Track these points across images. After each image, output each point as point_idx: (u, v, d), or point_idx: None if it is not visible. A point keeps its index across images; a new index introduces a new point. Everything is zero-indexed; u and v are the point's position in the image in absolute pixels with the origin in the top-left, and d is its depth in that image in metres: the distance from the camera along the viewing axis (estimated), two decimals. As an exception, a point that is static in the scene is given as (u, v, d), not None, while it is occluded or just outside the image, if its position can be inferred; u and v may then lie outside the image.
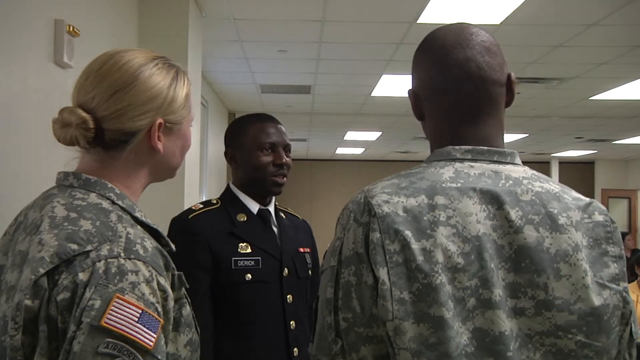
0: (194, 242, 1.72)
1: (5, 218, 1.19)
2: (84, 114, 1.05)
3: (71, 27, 2.19)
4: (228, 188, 1.95)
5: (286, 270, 1.84)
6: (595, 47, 4.85)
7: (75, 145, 1.08)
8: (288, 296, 1.83)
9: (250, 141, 1.88)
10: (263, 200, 1.90)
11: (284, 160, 1.88)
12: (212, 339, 1.69)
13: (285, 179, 1.92)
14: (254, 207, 1.88)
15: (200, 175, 4.51)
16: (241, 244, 1.79)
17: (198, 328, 1.12)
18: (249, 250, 1.79)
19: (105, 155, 1.08)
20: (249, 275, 1.76)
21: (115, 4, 3.02)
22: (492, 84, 1.10)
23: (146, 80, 1.08)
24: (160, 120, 1.09)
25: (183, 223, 1.78)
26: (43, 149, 1.99)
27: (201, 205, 1.88)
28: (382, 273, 0.95)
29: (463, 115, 1.10)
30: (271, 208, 1.93)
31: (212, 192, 6.45)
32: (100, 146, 1.07)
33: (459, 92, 1.09)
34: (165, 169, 1.16)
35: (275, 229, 1.91)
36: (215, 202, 1.90)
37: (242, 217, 1.85)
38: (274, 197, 1.95)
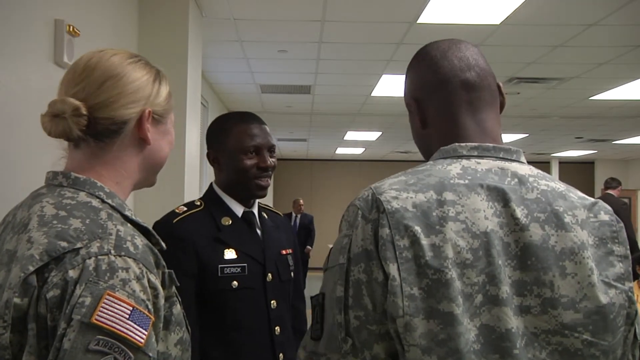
0: (180, 248, 1.67)
1: (4, 217, 1.19)
2: (77, 102, 1.05)
3: (71, 27, 2.19)
4: (211, 189, 1.90)
5: (270, 276, 1.80)
6: (595, 47, 4.85)
7: (65, 138, 1.08)
8: (272, 302, 1.79)
9: (233, 144, 1.81)
10: (247, 203, 1.86)
11: (269, 163, 1.82)
12: (198, 345, 1.67)
13: (269, 181, 1.86)
14: (239, 209, 1.84)
15: (200, 175, 4.51)
16: (227, 250, 1.75)
17: (189, 327, 1.11)
18: (234, 256, 1.75)
19: (96, 148, 1.08)
20: (235, 283, 1.73)
21: (115, 4, 3.02)
22: (492, 76, 1.14)
23: (134, 71, 1.11)
24: (149, 109, 1.11)
25: (168, 227, 1.72)
26: (43, 149, 1.99)
27: (185, 208, 1.82)
28: (392, 269, 0.95)
29: (467, 104, 1.11)
30: (255, 209, 1.89)
31: (212, 192, 6.44)
32: (92, 137, 1.08)
33: (463, 77, 1.11)
34: (152, 165, 1.16)
35: (258, 231, 1.87)
36: (198, 203, 1.84)
37: (226, 221, 1.80)
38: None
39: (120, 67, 1.10)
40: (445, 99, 1.12)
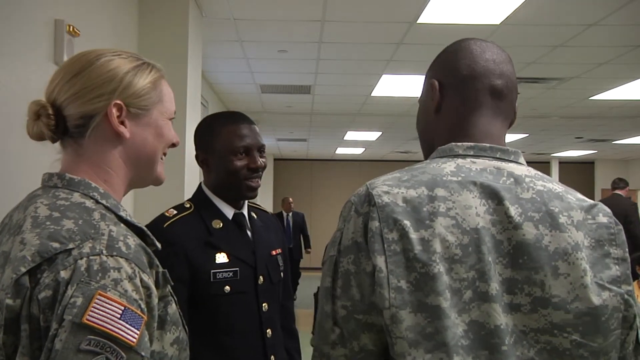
0: (171, 253, 1.63)
1: (2, 219, 1.19)
2: (42, 101, 1.06)
3: (71, 27, 2.19)
4: (200, 190, 1.87)
5: (261, 278, 1.79)
6: (595, 47, 4.85)
7: (45, 139, 1.08)
8: (264, 304, 1.78)
9: (223, 145, 1.78)
10: (237, 204, 1.84)
11: (259, 163, 1.80)
12: (191, 351, 1.67)
13: (259, 181, 1.84)
14: (229, 212, 1.82)
15: (200, 175, 4.52)
16: (218, 254, 1.73)
17: (186, 327, 1.11)
18: (226, 260, 1.73)
19: (76, 146, 1.09)
20: (228, 288, 1.71)
21: (115, 4, 3.02)
22: (516, 91, 1.16)
23: (102, 65, 1.09)
24: (117, 102, 1.08)
25: (159, 232, 1.63)
26: (42, 149, 1.99)
27: (175, 211, 1.79)
28: (380, 261, 0.96)
29: (487, 108, 1.12)
30: (244, 210, 1.86)
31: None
32: (69, 136, 1.08)
33: (494, 83, 1.12)
34: (138, 160, 1.13)
35: (249, 233, 1.85)
36: (188, 205, 1.81)
37: (217, 224, 1.78)
38: None
39: (90, 62, 1.08)
40: (469, 95, 1.12)
